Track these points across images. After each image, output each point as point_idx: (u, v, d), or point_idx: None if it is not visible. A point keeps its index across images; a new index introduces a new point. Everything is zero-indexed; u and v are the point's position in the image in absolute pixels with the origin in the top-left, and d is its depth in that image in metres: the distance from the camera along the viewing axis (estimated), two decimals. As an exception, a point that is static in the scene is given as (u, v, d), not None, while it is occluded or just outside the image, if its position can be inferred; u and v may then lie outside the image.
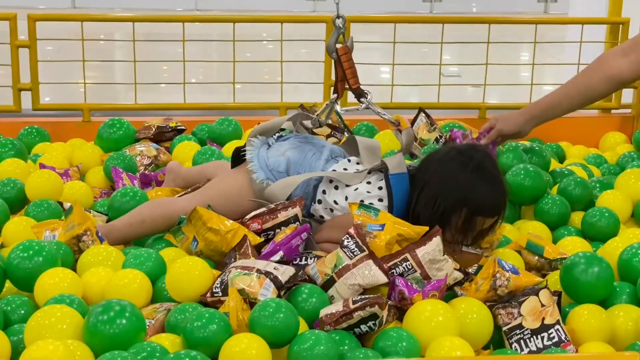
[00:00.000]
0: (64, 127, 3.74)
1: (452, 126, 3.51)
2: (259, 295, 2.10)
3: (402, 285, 2.18)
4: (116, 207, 2.77)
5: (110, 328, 1.98)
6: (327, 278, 2.22)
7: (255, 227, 2.44)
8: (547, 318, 2.14)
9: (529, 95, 4.04)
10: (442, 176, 2.46)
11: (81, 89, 3.94)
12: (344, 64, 2.72)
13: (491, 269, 2.24)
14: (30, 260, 2.28)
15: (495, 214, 2.47)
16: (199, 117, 3.81)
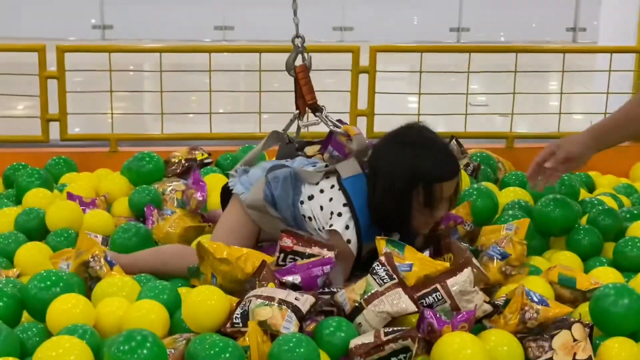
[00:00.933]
0: (91, 157, 3.76)
1: (480, 155, 3.48)
2: (281, 328, 2.07)
3: (431, 317, 2.14)
4: (118, 242, 2.81)
5: (131, 358, 1.96)
6: (356, 305, 2.19)
7: (287, 242, 2.43)
8: (579, 353, 2.08)
9: (557, 124, 4.01)
10: (387, 162, 2.52)
11: (109, 119, 3.96)
12: (300, 80, 2.87)
13: (519, 302, 2.20)
14: (47, 290, 2.29)
15: (450, 175, 2.50)
16: (225, 147, 3.81)
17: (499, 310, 2.24)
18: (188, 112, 4.26)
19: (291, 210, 2.61)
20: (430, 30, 11.17)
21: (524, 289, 2.22)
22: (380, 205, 2.51)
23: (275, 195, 2.62)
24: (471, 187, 3.08)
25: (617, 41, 4.83)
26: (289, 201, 2.61)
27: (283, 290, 2.20)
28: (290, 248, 2.43)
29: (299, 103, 2.89)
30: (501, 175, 3.48)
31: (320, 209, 2.58)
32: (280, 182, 2.63)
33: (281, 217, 2.61)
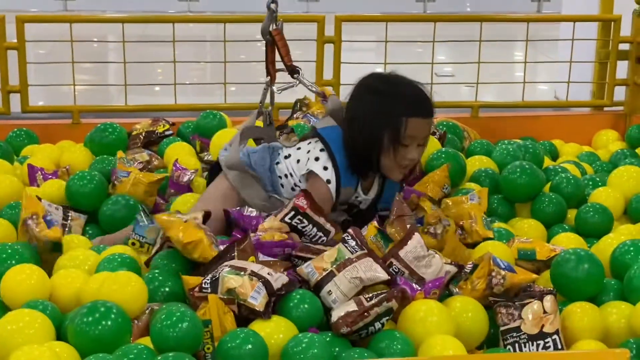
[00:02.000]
0: (53, 130, 3.71)
1: (446, 124, 3.49)
2: (248, 298, 2.05)
3: (404, 283, 2.16)
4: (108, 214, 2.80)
5: (95, 329, 1.95)
6: (326, 273, 2.17)
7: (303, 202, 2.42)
8: (547, 326, 2.09)
9: (522, 94, 4.03)
10: (358, 103, 2.58)
11: (72, 91, 3.92)
12: (278, 42, 2.85)
13: (487, 268, 2.22)
14: (3, 263, 2.27)
15: (421, 112, 2.54)
16: (190, 118, 3.78)
17: (465, 273, 2.26)
18: (154, 83, 4.22)
19: (268, 175, 2.67)
20: (397, 1, 11.14)
21: (491, 256, 2.24)
22: (353, 147, 2.55)
23: (252, 161, 2.67)
24: (439, 151, 3.10)
25: (580, 10, 4.85)
26: (266, 166, 2.66)
27: (257, 264, 2.18)
28: (303, 209, 2.42)
29: (270, 68, 2.89)
30: (467, 144, 3.49)
31: (297, 162, 2.63)
32: (258, 151, 2.71)
33: (258, 178, 2.65)
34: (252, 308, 2.04)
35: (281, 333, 2.03)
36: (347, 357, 1.97)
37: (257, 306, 2.04)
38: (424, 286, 2.17)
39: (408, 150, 2.53)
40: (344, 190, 2.59)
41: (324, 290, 2.16)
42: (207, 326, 1.99)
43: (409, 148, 2.53)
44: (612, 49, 3.98)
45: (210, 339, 1.98)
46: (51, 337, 2.01)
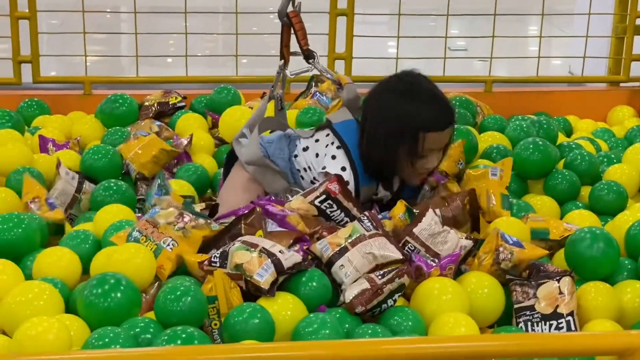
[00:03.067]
0: (64, 100, 3.69)
1: (459, 99, 3.46)
2: (254, 275, 2.02)
3: (419, 260, 2.14)
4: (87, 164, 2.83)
5: (105, 302, 1.94)
6: (339, 248, 2.14)
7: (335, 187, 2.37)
8: (562, 307, 2.06)
9: (536, 69, 3.99)
10: (376, 108, 2.50)
11: (84, 62, 3.90)
12: (295, 25, 2.77)
13: (494, 243, 2.19)
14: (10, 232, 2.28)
15: (441, 125, 2.46)
16: (201, 91, 3.76)
17: (475, 250, 2.24)
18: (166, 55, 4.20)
19: (288, 166, 2.62)
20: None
21: (499, 231, 2.21)
22: (367, 153, 2.49)
23: (270, 153, 2.63)
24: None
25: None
26: (285, 156, 2.62)
27: (270, 241, 2.14)
28: (335, 194, 2.38)
29: (284, 51, 2.81)
30: (480, 119, 3.46)
31: (316, 156, 2.58)
32: (275, 141, 2.65)
33: (280, 171, 2.61)
34: (258, 285, 2.02)
35: (289, 310, 2.01)
36: (360, 333, 1.95)
37: (262, 283, 2.01)
38: (439, 262, 2.15)
39: (427, 160, 2.48)
40: (365, 189, 2.54)
41: (336, 265, 2.12)
42: (214, 302, 1.97)
43: (428, 158, 2.48)
44: (629, 23, 3.93)
45: (216, 315, 1.96)
46: (60, 309, 2.00)
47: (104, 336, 1.83)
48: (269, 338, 1.94)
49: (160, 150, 2.90)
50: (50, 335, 1.78)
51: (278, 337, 1.96)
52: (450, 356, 1.33)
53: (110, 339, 1.82)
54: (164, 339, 1.82)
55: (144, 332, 1.90)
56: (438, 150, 2.49)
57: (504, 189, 2.59)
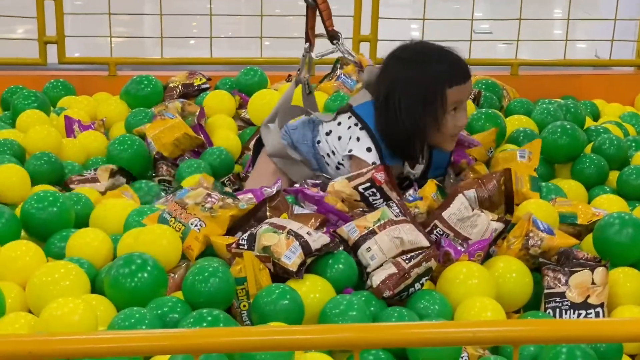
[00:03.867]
0: (89, 81, 3.70)
1: (485, 83, 3.44)
2: (282, 257, 2.01)
3: (448, 246, 2.12)
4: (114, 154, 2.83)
5: (132, 282, 1.95)
6: (367, 231, 2.12)
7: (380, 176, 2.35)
8: (593, 297, 2.03)
9: (563, 52, 3.95)
10: (393, 80, 2.46)
11: (108, 43, 3.90)
12: (321, 5, 2.76)
13: (525, 228, 2.16)
14: (44, 210, 2.28)
15: (461, 78, 2.44)
16: (225, 72, 3.75)
17: (505, 233, 2.21)
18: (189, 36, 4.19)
19: (312, 153, 2.61)
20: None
21: (531, 216, 2.18)
22: (391, 130, 2.46)
23: (294, 140, 2.62)
24: (479, 112, 3.05)
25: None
26: (308, 142, 2.61)
27: (297, 223, 2.12)
28: (379, 183, 2.36)
29: (309, 34, 2.80)
30: (506, 103, 3.44)
31: (338, 139, 2.57)
32: (298, 127, 2.64)
33: (304, 160, 2.61)
34: (285, 267, 2.01)
35: (317, 293, 2.00)
36: (385, 316, 1.94)
37: (289, 265, 2.01)
38: (468, 248, 2.12)
39: (456, 117, 2.45)
40: (391, 167, 2.49)
41: (363, 247, 2.10)
42: (243, 283, 1.97)
43: (457, 115, 2.45)
44: (658, 6, 3.89)
45: (245, 296, 1.97)
46: (86, 290, 2.01)
47: (130, 317, 1.83)
48: (298, 319, 1.93)
49: (184, 135, 2.90)
50: (76, 316, 1.79)
51: (305, 319, 1.96)
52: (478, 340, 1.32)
53: (136, 319, 1.82)
54: (189, 322, 1.82)
55: (171, 312, 1.90)
56: (462, 106, 2.46)
57: (533, 171, 2.56)
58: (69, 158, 2.88)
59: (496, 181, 2.36)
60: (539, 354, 1.83)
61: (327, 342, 1.28)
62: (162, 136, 2.89)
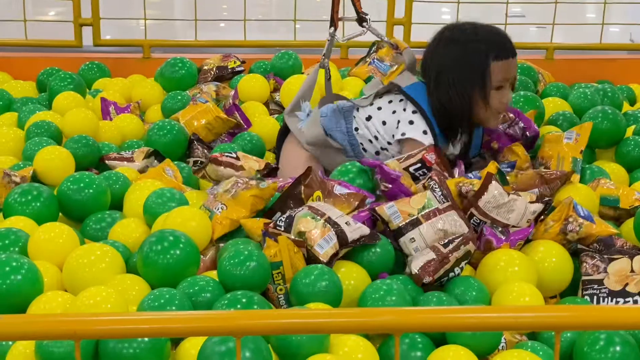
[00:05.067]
0: (124, 63, 3.72)
1: (520, 67, 3.41)
2: (315, 245, 2.00)
3: (490, 234, 2.09)
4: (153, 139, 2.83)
5: (164, 258, 1.95)
6: (411, 219, 2.09)
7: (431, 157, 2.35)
8: (631, 285, 2.00)
9: (598, 36, 3.91)
10: (442, 59, 2.48)
11: (141, 26, 3.91)
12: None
13: (565, 212, 2.13)
14: (80, 192, 2.30)
15: (506, 53, 2.45)
16: (257, 55, 3.75)
17: (544, 215, 2.17)
18: (223, 19, 4.19)
19: (347, 140, 2.60)
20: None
21: (572, 201, 2.16)
22: (441, 109, 2.48)
23: (326, 128, 2.60)
24: (517, 95, 3.02)
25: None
26: (343, 129, 2.59)
27: (338, 211, 2.10)
28: (430, 164, 2.36)
29: (335, 17, 2.79)
30: (541, 87, 3.41)
31: (383, 124, 2.55)
32: (329, 115, 2.62)
33: (341, 147, 2.59)
34: (316, 256, 1.99)
35: (352, 280, 2.00)
36: (424, 301, 1.93)
37: (321, 255, 1.99)
38: (509, 237, 2.09)
39: (502, 94, 2.47)
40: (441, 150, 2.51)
41: (406, 237, 2.08)
42: (279, 267, 1.97)
43: (502, 91, 2.47)
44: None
45: (282, 280, 1.97)
46: (121, 271, 2.02)
47: (160, 297, 1.83)
48: (337, 300, 1.93)
49: (215, 118, 2.91)
50: (108, 305, 1.78)
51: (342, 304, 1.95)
52: (519, 326, 1.31)
53: (165, 300, 1.81)
54: (223, 303, 1.83)
55: (202, 292, 1.90)
56: (508, 84, 2.48)
57: (578, 153, 2.53)
58: (105, 140, 2.89)
59: (560, 182, 2.33)
60: (577, 339, 1.82)
61: (368, 326, 1.28)
62: (194, 121, 2.90)
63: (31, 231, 2.13)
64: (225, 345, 1.62)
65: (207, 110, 2.93)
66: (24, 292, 1.88)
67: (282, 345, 1.72)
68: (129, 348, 1.67)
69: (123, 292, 1.89)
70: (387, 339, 1.85)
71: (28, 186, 2.31)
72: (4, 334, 1.12)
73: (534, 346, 1.81)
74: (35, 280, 1.91)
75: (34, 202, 2.26)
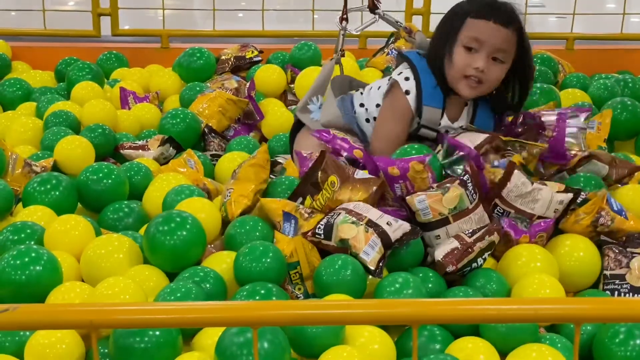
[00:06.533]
0: (142, 53, 3.72)
1: (540, 57, 3.39)
2: (361, 252, 1.94)
3: (508, 226, 2.05)
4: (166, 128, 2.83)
5: (171, 239, 1.95)
6: (441, 218, 2.04)
7: None
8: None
9: (619, 26, 3.88)
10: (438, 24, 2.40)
11: (160, 16, 3.91)
12: None
13: (598, 205, 2.08)
14: (99, 182, 2.31)
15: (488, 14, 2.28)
16: (275, 45, 3.74)
17: (583, 196, 2.12)
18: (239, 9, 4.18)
19: (355, 122, 2.52)
20: None
21: (606, 194, 2.11)
22: (428, 55, 2.38)
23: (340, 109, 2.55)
24: (534, 87, 3.00)
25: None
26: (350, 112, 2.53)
27: (378, 211, 2.03)
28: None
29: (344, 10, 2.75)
30: (561, 78, 3.39)
31: (378, 88, 2.49)
32: (338, 100, 2.57)
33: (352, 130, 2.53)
34: (364, 264, 1.94)
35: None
36: (451, 295, 1.91)
37: (369, 263, 1.94)
38: (530, 228, 2.06)
39: (472, 57, 2.29)
40: (428, 110, 2.38)
41: (432, 233, 2.05)
42: (296, 267, 1.96)
43: (473, 55, 2.29)
44: None
45: (300, 280, 1.96)
46: (139, 262, 2.02)
47: (176, 291, 1.82)
48: (361, 290, 1.92)
49: (227, 100, 2.91)
50: (126, 296, 1.79)
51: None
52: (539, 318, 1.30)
53: (182, 293, 1.81)
54: (242, 295, 1.83)
55: (202, 282, 1.89)
56: (489, 50, 2.29)
57: (602, 142, 2.50)
58: (123, 129, 2.90)
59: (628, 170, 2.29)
60: (597, 332, 1.80)
61: (385, 317, 1.27)
62: (206, 108, 2.90)
63: (50, 220, 2.14)
64: (243, 337, 1.62)
65: (216, 95, 2.94)
66: (43, 282, 1.88)
67: (297, 337, 1.72)
68: (140, 342, 1.66)
69: (141, 283, 1.89)
70: (405, 331, 1.85)
71: (47, 175, 2.31)
72: (21, 323, 1.12)
73: (553, 339, 1.80)
74: (54, 270, 1.92)
75: (53, 191, 2.26)
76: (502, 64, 2.32)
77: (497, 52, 2.30)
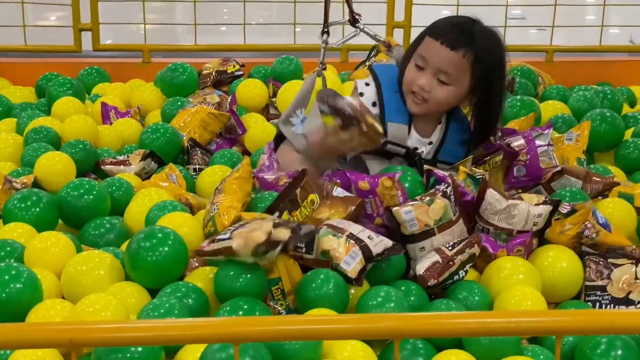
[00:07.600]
0: (123, 68, 3.72)
1: (520, 69, 3.40)
2: (342, 263, 1.95)
3: (485, 241, 2.06)
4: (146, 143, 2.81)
5: (152, 255, 1.94)
6: (427, 229, 2.04)
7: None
8: (635, 293, 1.97)
9: (597, 38, 3.91)
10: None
11: (141, 30, 3.91)
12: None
13: (584, 217, 2.08)
14: (80, 198, 2.29)
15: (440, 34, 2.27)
16: (258, 59, 3.75)
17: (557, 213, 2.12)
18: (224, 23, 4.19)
19: None
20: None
21: (592, 207, 2.11)
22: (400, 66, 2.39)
23: None
24: (514, 99, 3.01)
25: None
26: None
27: (359, 226, 2.03)
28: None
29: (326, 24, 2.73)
30: (541, 90, 3.40)
31: None
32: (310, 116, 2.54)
33: None
34: (345, 274, 1.95)
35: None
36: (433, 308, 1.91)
37: (349, 272, 1.94)
38: (507, 243, 2.06)
39: (418, 73, 2.30)
40: (392, 126, 2.36)
41: (417, 245, 2.05)
42: (277, 283, 1.94)
43: (420, 72, 2.30)
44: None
45: (281, 296, 1.95)
46: (120, 278, 2.01)
47: (160, 307, 1.81)
48: (343, 304, 1.92)
49: (208, 115, 2.91)
50: (108, 313, 1.77)
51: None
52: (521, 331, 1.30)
53: (165, 309, 1.79)
54: (225, 310, 1.82)
55: (185, 298, 1.88)
56: (435, 70, 2.28)
57: (581, 153, 2.51)
58: (105, 145, 2.89)
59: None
60: (579, 344, 1.81)
61: (367, 332, 1.27)
62: (187, 123, 2.90)
63: (30, 237, 2.13)
64: (225, 352, 1.61)
65: (198, 110, 2.94)
66: (23, 300, 1.87)
67: (275, 352, 1.71)
68: (122, 359, 1.64)
69: (122, 300, 1.88)
70: (388, 345, 1.84)
71: (28, 192, 2.30)
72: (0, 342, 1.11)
73: (535, 351, 1.80)
74: (34, 288, 1.90)
75: (34, 207, 2.25)
76: (447, 85, 2.31)
77: (440, 73, 2.30)
